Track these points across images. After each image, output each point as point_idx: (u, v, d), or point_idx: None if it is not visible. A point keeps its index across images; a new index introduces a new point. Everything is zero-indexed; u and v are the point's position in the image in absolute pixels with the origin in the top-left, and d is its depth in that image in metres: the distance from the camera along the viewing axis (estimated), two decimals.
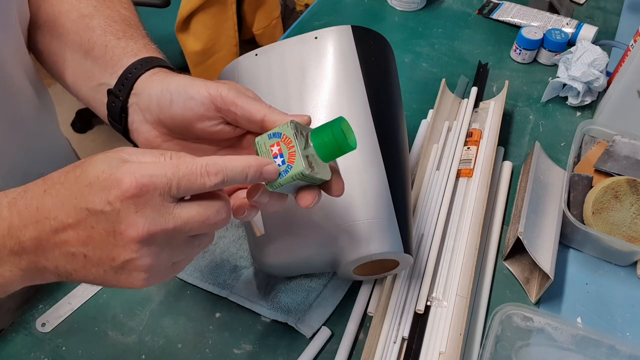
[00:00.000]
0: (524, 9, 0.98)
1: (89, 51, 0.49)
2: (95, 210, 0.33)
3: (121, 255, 0.33)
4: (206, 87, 0.42)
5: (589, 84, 0.78)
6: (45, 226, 0.34)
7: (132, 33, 0.51)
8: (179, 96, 0.42)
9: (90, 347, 0.53)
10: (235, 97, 0.41)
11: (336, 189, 0.40)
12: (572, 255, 0.63)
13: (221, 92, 0.41)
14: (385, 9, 1.01)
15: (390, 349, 0.52)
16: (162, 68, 0.47)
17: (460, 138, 0.70)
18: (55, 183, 0.34)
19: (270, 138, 0.38)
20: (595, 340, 0.53)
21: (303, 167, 0.36)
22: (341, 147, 0.37)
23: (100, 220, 0.33)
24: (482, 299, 0.58)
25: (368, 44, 0.58)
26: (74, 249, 0.34)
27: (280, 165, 0.37)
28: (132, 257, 0.33)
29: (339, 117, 0.37)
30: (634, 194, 0.61)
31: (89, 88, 0.50)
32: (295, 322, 0.54)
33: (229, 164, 0.34)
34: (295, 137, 0.37)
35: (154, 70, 0.46)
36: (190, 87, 0.42)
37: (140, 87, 0.45)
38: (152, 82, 0.45)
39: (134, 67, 0.46)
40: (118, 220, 0.32)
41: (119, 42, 0.49)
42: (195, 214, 0.34)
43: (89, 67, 0.50)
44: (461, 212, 0.63)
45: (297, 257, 0.52)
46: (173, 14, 1.42)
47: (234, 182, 0.35)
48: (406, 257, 0.51)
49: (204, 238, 0.37)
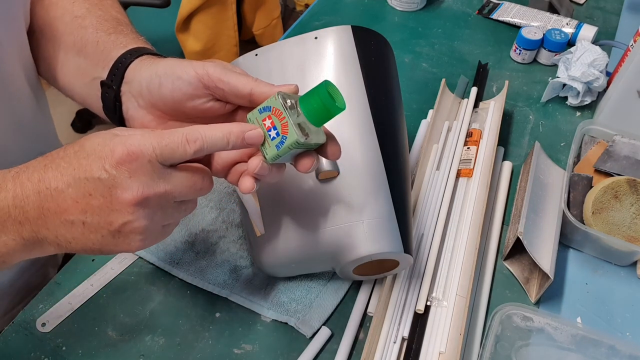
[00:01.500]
0: (524, 9, 0.98)
1: (82, 49, 0.51)
2: (93, 178, 0.35)
3: (118, 218, 0.36)
4: (192, 67, 0.43)
5: (589, 84, 0.78)
6: (47, 196, 0.36)
7: (122, 29, 0.52)
8: (167, 78, 0.44)
9: (91, 347, 0.53)
10: (221, 74, 0.42)
11: (332, 152, 0.42)
12: (572, 255, 0.63)
13: (207, 69, 0.43)
14: (385, 9, 1.01)
15: (390, 348, 0.52)
16: (150, 55, 0.48)
17: (460, 138, 0.70)
18: (55, 158, 0.37)
19: (261, 112, 0.39)
20: (595, 340, 0.53)
21: (297, 136, 0.37)
22: (330, 110, 0.38)
23: (97, 187, 0.35)
24: (482, 299, 0.58)
25: (368, 44, 0.58)
26: (73, 217, 0.36)
27: (275, 137, 0.38)
28: (129, 219, 0.36)
29: (323, 81, 0.38)
30: (633, 194, 0.61)
31: (82, 84, 0.51)
32: (295, 322, 0.54)
33: (208, 132, 0.37)
34: (285, 108, 0.38)
35: (143, 57, 0.48)
36: (177, 67, 0.44)
37: (131, 74, 0.47)
38: (141, 69, 0.46)
39: (124, 57, 0.48)
40: (114, 185, 0.35)
41: (109, 37, 0.50)
42: (183, 179, 0.38)
43: (82, 64, 0.51)
44: (461, 212, 0.63)
45: (297, 257, 0.52)
46: (173, 14, 1.42)
47: (215, 149, 0.38)
48: (406, 257, 0.51)
49: (189, 204, 0.41)
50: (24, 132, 0.56)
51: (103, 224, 0.36)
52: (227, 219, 0.63)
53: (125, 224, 0.37)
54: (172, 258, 0.59)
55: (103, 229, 0.37)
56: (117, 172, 0.35)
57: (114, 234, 0.37)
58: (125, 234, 0.37)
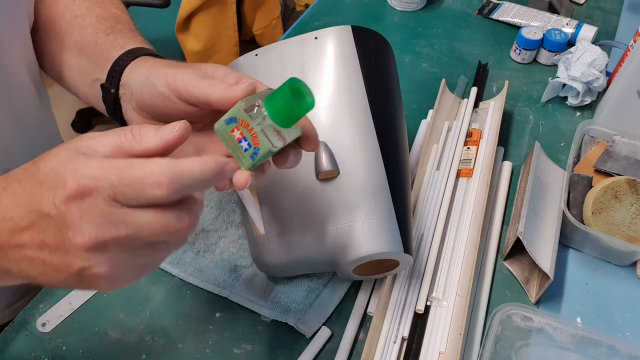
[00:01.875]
0: (524, 9, 0.98)
1: (83, 49, 0.51)
2: (44, 213, 0.31)
3: (75, 262, 0.31)
4: (165, 76, 0.42)
5: (589, 84, 0.78)
6: (3, 227, 0.32)
7: (120, 28, 0.52)
8: (146, 86, 0.43)
9: (91, 347, 0.53)
10: (187, 83, 0.40)
11: (308, 145, 0.40)
12: (571, 255, 0.63)
13: (176, 78, 0.41)
14: (385, 9, 1.01)
15: (390, 348, 0.52)
16: (146, 57, 0.48)
17: (460, 138, 0.70)
18: (13, 181, 0.32)
19: (228, 124, 0.36)
20: (595, 340, 0.53)
21: (270, 145, 0.35)
22: (295, 112, 0.35)
23: (50, 225, 0.31)
24: (482, 299, 0.58)
25: (368, 44, 0.58)
26: (32, 253, 0.32)
27: (247, 148, 0.36)
28: (86, 265, 0.31)
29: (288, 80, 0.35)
30: (633, 194, 0.62)
31: (85, 85, 0.51)
32: (295, 322, 0.54)
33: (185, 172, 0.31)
34: (251, 117, 0.36)
35: (137, 60, 0.47)
36: (153, 76, 0.43)
37: (126, 77, 0.46)
38: (134, 73, 0.46)
39: (121, 59, 0.47)
40: (65, 226, 0.30)
41: (108, 37, 0.50)
42: (151, 220, 0.31)
43: (83, 64, 0.51)
44: (461, 212, 0.63)
45: (297, 257, 0.52)
46: (173, 14, 1.42)
47: (193, 189, 0.32)
48: (406, 257, 0.51)
49: (170, 243, 0.34)
50: (27, 130, 0.56)
51: (62, 265, 0.31)
52: (227, 218, 0.63)
53: (84, 269, 0.31)
54: (172, 258, 0.59)
55: (64, 271, 0.31)
56: (66, 210, 0.30)
57: (76, 276, 0.32)
58: (88, 278, 0.32)
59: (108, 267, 0.31)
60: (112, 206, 0.30)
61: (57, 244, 0.31)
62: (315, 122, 0.54)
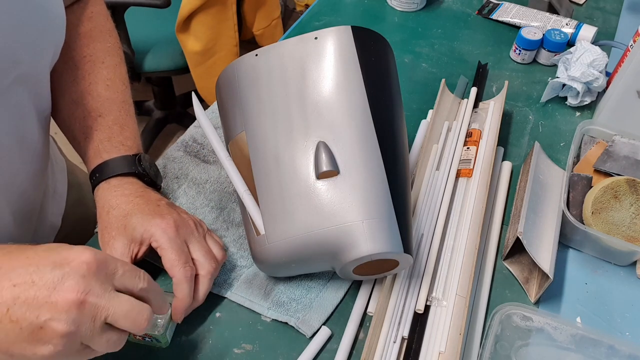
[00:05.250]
0: (524, 9, 0.98)
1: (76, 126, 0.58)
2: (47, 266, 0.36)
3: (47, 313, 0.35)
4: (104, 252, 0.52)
5: (589, 84, 0.78)
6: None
7: (99, 126, 0.58)
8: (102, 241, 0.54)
9: None
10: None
11: (176, 313, 0.50)
12: (571, 255, 0.64)
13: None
14: (385, 9, 1.01)
15: (390, 348, 0.52)
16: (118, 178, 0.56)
17: (460, 138, 0.71)
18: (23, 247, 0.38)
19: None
20: (594, 340, 0.53)
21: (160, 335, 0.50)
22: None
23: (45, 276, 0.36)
24: (481, 299, 0.58)
25: (368, 45, 0.58)
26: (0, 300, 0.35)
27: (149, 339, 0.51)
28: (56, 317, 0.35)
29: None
30: (633, 194, 0.62)
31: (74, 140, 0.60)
32: (295, 322, 0.54)
33: (154, 285, 0.42)
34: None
35: (104, 187, 0.55)
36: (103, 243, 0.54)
37: (98, 195, 0.56)
38: (102, 198, 0.55)
39: (93, 175, 0.56)
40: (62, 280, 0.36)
41: (86, 142, 0.57)
42: (124, 303, 0.38)
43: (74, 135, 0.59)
44: (461, 212, 0.63)
45: (297, 257, 0.52)
46: (173, 14, 1.42)
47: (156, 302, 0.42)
48: (406, 257, 0.51)
49: (117, 335, 0.39)
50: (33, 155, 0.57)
51: (29, 315, 0.35)
52: (227, 218, 0.63)
53: (49, 320, 0.35)
54: None
55: (24, 321, 0.35)
56: (73, 269, 0.36)
57: (32, 329, 0.35)
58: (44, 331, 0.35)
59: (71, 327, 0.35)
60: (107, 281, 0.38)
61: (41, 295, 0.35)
62: (316, 122, 0.54)
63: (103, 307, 0.37)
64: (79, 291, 0.36)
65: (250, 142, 0.55)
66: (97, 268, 0.37)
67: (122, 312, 0.38)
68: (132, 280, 0.40)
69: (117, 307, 0.38)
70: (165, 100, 1.83)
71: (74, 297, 0.35)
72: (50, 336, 0.35)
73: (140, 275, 0.40)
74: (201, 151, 0.70)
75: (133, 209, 0.52)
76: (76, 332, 0.36)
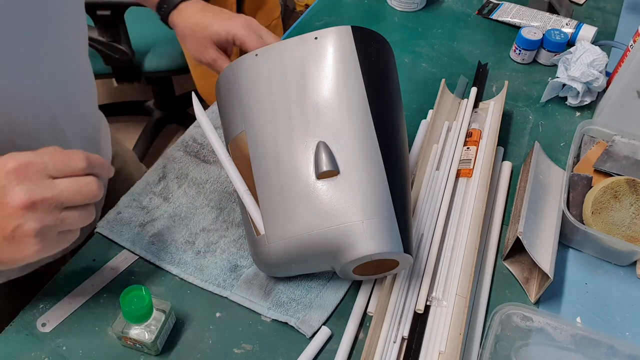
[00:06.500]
0: (524, 9, 0.98)
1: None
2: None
3: (10, 223, 0.40)
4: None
5: (589, 84, 0.78)
6: None
7: None
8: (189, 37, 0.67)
9: (91, 347, 0.53)
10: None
11: None
12: (571, 255, 0.64)
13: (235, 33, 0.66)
14: (385, 9, 1.01)
15: (390, 348, 0.52)
16: (184, 3, 0.67)
17: (460, 138, 0.71)
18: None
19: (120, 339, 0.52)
20: (594, 340, 0.53)
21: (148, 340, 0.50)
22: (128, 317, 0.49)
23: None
24: (481, 299, 0.58)
25: (368, 45, 0.58)
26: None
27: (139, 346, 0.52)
28: (19, 222, 0.40)
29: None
30: (633, 194, 0.62)
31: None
32: (295, 322, 0.54)
33: (93, 156, 0.44)
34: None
35: (179, 9, 0.67)
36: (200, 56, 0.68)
37: (174, 20, 0.68)
38: (179, 16, 0.67)
39: (161, 7, 0.67)
40: (4, 193, 0.40)
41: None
42: (68, 185, 0.42)
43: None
44: (461, 212, 0.63)
45: (297, 257, 0.52)
46: None
47: (99, 170, 0.45)
48: (406, 257, 0.51)
49: (83, 211, 0.43)
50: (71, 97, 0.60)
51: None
52: (227, 218, 0.63)
53: (16, 228, 0.40)
54: (172, 258, 0.59)
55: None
56: (6, 180, 0.40)
57: (8, 239, 0.40)
58: (18, 238, 0.40)
59: (37, 225, 0.40)
60: (42, 177, 0.41)
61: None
62: (316, 122, 0.54)
63: (51, 197, 0.40)
64: (22, 197, 0.39)
65: (250, 142, 0.55)
66: (25, 171, 0.40)
67: (71, 193, 0.42)
68: (68, 166, 0.42)
69: (65, 191, 0.41)
70: (165, 100, 1.83)
71: (21, 203, 0.39)
72: (25, 239, 0.40)
73: (75, 158, 0.43)
74: (201, 151, 0.70)
75: (209, 21, 0.64)
76: (43, 227, 0.41)
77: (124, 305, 0.49)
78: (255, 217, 0.53)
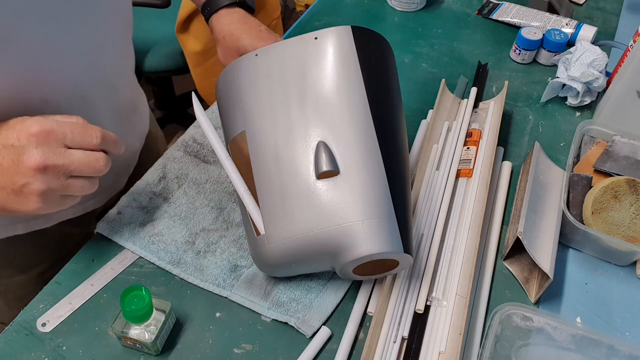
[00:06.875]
0: (524, 10, 0.98)
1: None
2: (7, 145, 0.44)
3: (20, 179, 0.44)
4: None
5: (589, 84, 0.78)
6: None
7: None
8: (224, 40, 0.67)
9: (91, 347, 0.53)
10: None
11: None
12: (571, 255, 0.64)
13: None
14: (385, 9, 1.01)
15: (390, 348, 0.52)
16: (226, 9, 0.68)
17: (460, 138, 0.71)
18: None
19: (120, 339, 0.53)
20: (594, 340, 0.53)
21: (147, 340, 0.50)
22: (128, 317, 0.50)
23: (9, 153, 0.44)
24: (481, 299, 0.58)
25: (368, 45, 0.58)
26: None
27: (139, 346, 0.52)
28: (28, 181, 0.44)
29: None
30: (633, 194, 0.62)
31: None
32: (295, 322, 0.54)
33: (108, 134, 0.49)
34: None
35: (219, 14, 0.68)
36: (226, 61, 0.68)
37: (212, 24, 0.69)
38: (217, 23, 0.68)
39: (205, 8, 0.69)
40: (22, 152, 0.44)
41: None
42: (80, 157, 0.46)
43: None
44: (461, 212, 0.63)
45: (297, 257, 0.52)
46: (173, 14, 1.42)
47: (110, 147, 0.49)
48: (406, 257, 0.51)
49: (87, 181, 0.48)
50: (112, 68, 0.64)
51: (8, 183, 0.44)
52: (228, 218, 0.63)
53: (25, 185, 0.44)
54: (173, 258, 0.59)
55: (8, 188, 0.45)
56: (27, 142, 0.44)
57: (16, 193, 0.45)
58: (24, 194, 0.45)
59: (43, 186, 0.45)
60: (58, 145, 0.45)
61: (11, 166, 0.44)
62: (316, 122, 0.54)
63: (62, 165, 0.45)
64: (37, 160, 0.44)
65: (250, 142, 0.55)
66: (46, 137, 0.44)
67: (80, 164, 0.46)
68: (84, 139, 0.46)
69: (76, 162, 0.46)
70: (165, 100, 1.83)
71: (34, 164, 0.44)
72: (29, 195, 0.45)
73: (92, 134, 0.47)
74: (201, 151, 0.70)
75: (242, 34, 0.65)
76: (48, 189, 0.45)
77: (124, 305, 0.49)
78: (255, 217, 0.53)
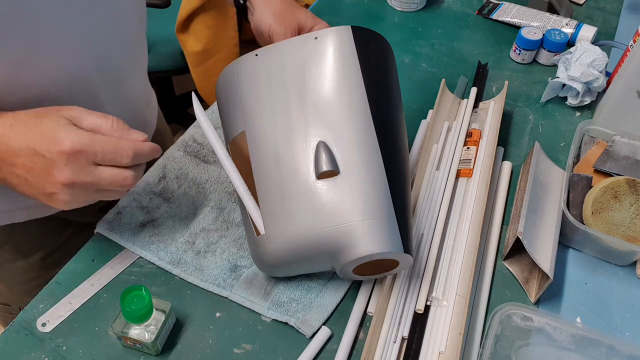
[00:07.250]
0: (524, 10, 0.98)
1: None
2: (40, 154, 0.46)
3: (49, 188, 0.47)
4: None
5: (589, 84, 0.78)
6: (4, 148, 0.46)
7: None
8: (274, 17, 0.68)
9: (91, 347, 0.53)
10: None
11: None
12: (571, 255, 0.64)
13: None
14: (385, 9, 1.01)
15: (390, 348, 0.52)
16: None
17: (460, 138, 0.71)
18: (19, 121, 0.47)
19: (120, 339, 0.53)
20: (594, 340, 0.53)
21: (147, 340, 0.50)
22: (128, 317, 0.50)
23: (40, 161, 0.46)
24: (481, 299, 0.58)
25: (368, 45, 0.58)
26: (19, 172, 0.47)
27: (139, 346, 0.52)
28: (56, 192, 0.47)
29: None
30: (633, 194, 0.62)
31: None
32: (295, 322, 0.54)
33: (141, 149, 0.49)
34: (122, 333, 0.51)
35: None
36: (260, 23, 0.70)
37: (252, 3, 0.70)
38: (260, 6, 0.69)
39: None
40: (53, 166, 0.46)
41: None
42: (108, 175, 0.47)
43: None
44: (461, 212, 0.63)
45: (297, 257, 0.52)
46: (173, 14, 1.42)
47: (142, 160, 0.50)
48: (406, 257, 0.51)
49: (113, 193, 0.50)
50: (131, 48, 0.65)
51: (39, 187, 0.47)
52: (228, 218, 0.63)
53: (52, 194, 0.47)
54: (173, 258, 0.59)
55: (38, 189, 0.47)
56: (57, 158, 0.45)
57: (45, 195, 0.48)
58: (53, 200, 0.48)
59: (69, 198, 0.48)
60: (88, 163, 0.47)
61: (42, 174, 0.46)
62: (316, 122, 0.54)
63: (90, 182, 0.47)
64: (66, 177, 0.46)
65: (250, 142, 0.55)
66: (76, 157, 0.46)
67: (108, 182, 0.47)
68: (115, 160, 0.47)
69: (104, 179, 0.47)
70: (165, 100, 1.83)
71: (63, 180, 0.46)
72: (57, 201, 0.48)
73: (123, 154, 0.47)
74: (201, 151, 0.70)
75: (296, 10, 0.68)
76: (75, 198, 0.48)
77: (124, 305, 0.49)
78: (255, 217, 0.53)
